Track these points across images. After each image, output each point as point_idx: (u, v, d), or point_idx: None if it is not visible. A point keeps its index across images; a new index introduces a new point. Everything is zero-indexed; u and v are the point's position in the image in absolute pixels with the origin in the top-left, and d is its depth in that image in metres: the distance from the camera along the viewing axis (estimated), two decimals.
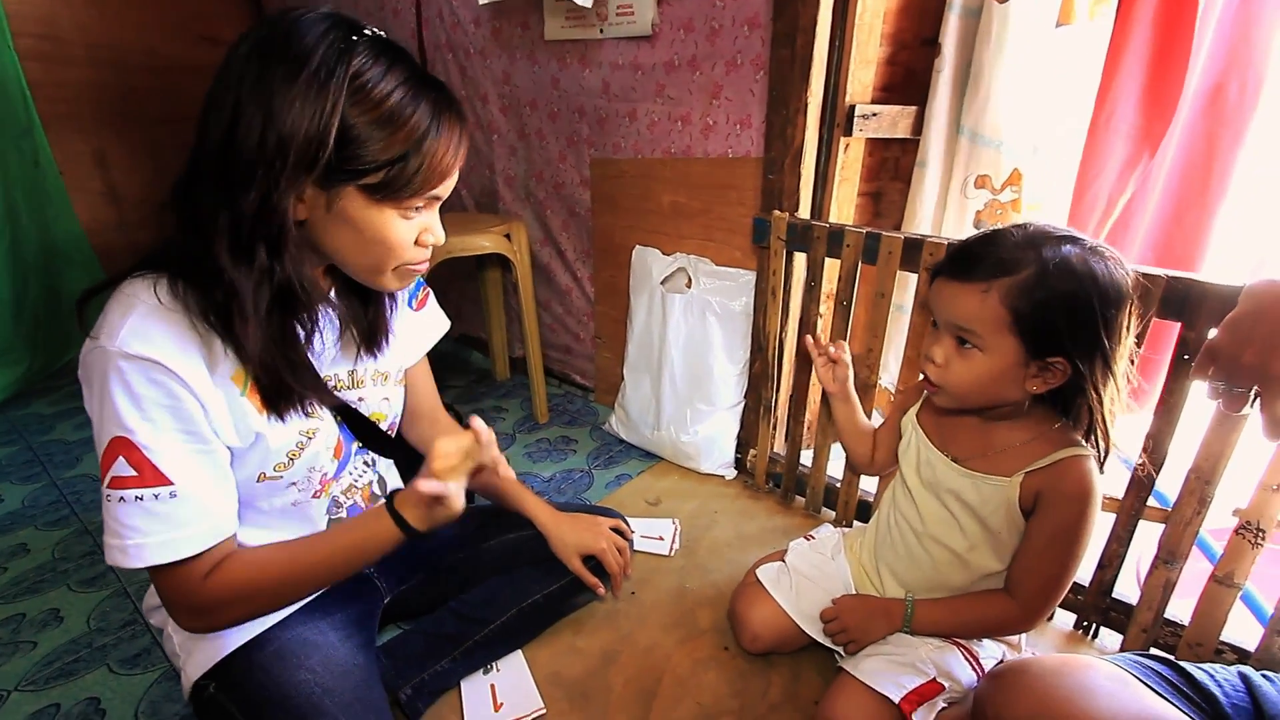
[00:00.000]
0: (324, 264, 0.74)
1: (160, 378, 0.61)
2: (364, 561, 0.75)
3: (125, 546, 0.63)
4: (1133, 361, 0.77)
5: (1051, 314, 0.70)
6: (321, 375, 0.76)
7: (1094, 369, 0.73)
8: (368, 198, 0.64)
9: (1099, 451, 0.80)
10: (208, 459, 0.67)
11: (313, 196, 0.64)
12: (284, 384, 0.69)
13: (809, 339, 1.11)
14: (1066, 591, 0.82)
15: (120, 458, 0.61)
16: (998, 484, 0.81)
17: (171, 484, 0.63)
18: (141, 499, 0.62)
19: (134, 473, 0.62)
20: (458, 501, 0.71)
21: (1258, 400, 0.69)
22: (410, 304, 0.93)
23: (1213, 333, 0.71)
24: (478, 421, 0.72)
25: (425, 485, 0.68)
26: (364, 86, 0.60)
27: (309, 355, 0.74)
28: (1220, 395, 0.72)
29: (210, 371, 0.65)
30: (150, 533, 0.63)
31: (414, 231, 0.70)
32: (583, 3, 1.35)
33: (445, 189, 0.70)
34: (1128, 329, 0.73)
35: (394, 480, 0.97)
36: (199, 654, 0.77)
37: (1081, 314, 0.71)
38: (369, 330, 0.81)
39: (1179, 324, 0.88)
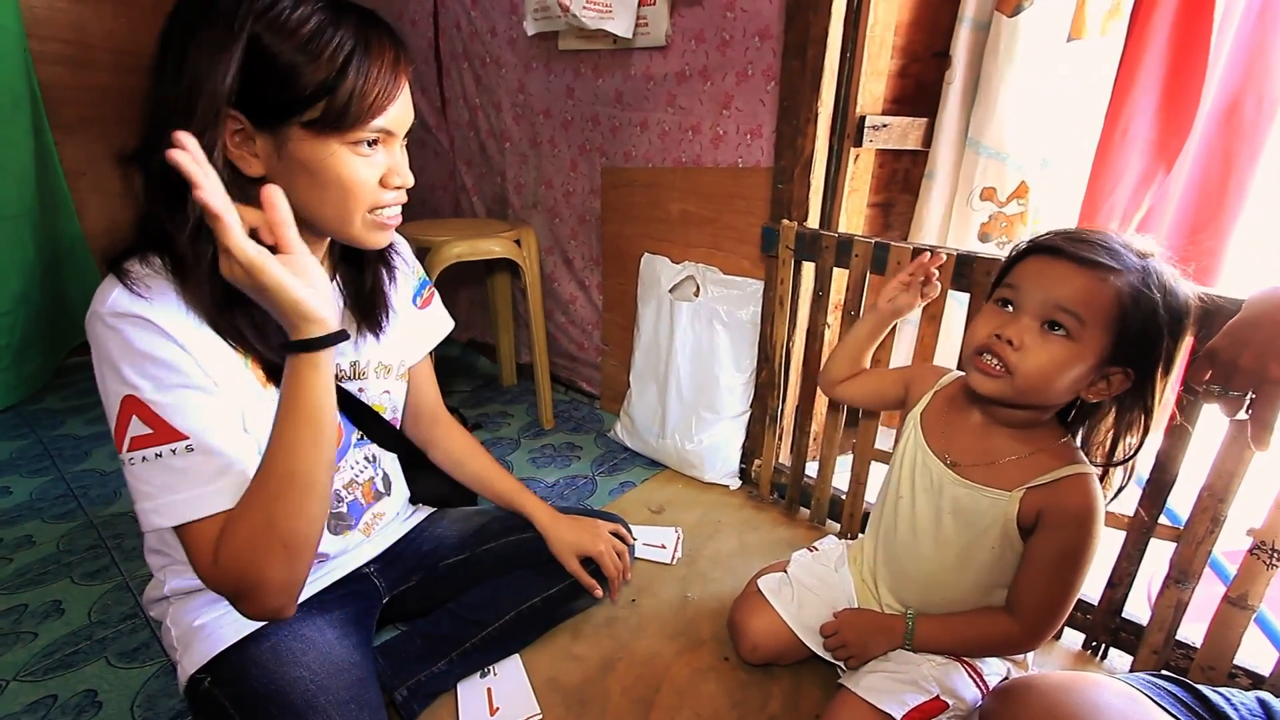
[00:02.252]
0: (304, 234, 0.70)
1: (152, 334, 0.61)
2: (309, 419, 0.63)
3: (158, 506, 0.62)
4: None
5: (1151, 323, 0.69)
6: None
7: (1155, 387, 0.72)
8: (314, 135, 0.63)
9: (1124, 474, 0.79)
10: (219, 409, 0.65)
11: (263, 147, 0.64)
12: (261, 354, 0.68)
13: (927, 254, 0.98)
14: (1069, 612, 0.80)
15: (134, 417, 0.61)
16: (996, 497, 0.79)
17: (186, 438, 0.62)
18: (160, 455, 0.62)
19: (149, 430, 0.61)
20: (245, 250, 0.57)
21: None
22: (415, 302, 0.94)
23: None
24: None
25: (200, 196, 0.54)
26: (278, 17, 0.60)
27: None
28: (1216, 399, 0.73)
29: (206, 337, 0.65)
30: (177, 488, 0.62)
31: (374, 171, 0.68)
32: (589, 24, 1.36)
33: (394, 121, 0.67)
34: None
35: (398, 477, 0.97)
36: (196, 647, 0.76)
37: (1171, 330, 0.70)
38: (368, 303, 0.81)
39: (1192, 338, 0.87)
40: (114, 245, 0.66)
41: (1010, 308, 0.75)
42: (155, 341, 0.62)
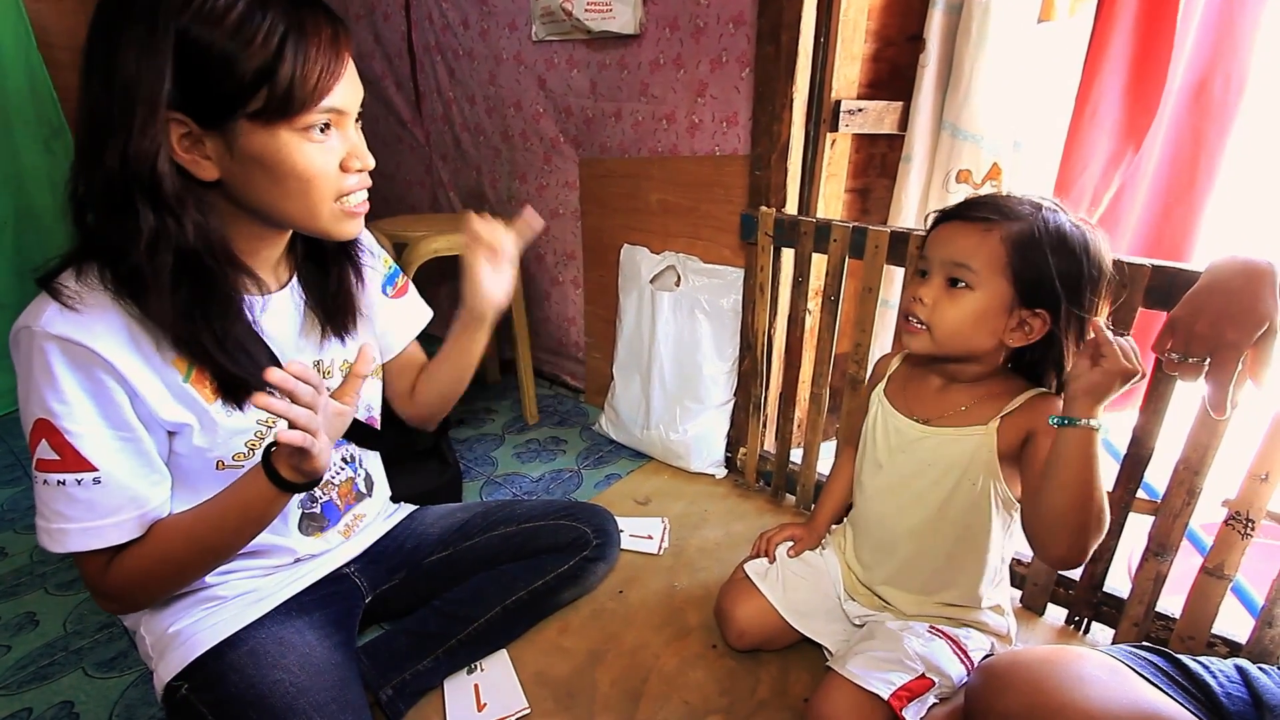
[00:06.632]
0: (266, 231, 0.71)
1: (84, 361, 0.60)
2: (256, 522, 0.70)
3: (50, 529, 0.63)
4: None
5: (1044, 264, 0.73)
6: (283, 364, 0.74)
7: (1069, 328, 0.76)
8: (262, 126, 0.61)
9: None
10: (132, 448, 0.65)
11: (214, 148, 0.62)
12: (220, 367, 0.66)
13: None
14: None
15: (43, 440, 0.61)
16: (972, 432, 0.82)
17: (95, 469, 0.62)
18: (64, 483, 0.62)
19: (56, 456, 0.61)
20: (321, 456, 0.63)
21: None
22: (386, 291, 0.92)
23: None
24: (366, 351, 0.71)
25: (285, 436, 0.60)
26: (201, 7, 0.57)
27: (257, 336, 0.71)
28: (1176, 367, 0.76)
29: (145, 357, 0.64)
30: (72, 518, 0.63)
31: (331, 157, 0.66)
32: (593, 27, 1.34)
33: (343, 100, 0.65)
34: (1105, 301, 0.78)
35: (380, 477, 0.96)
36: (171, 655, 0.75)
37: (1070, 270, 0.73)
38: (333, 305, 0.79)
39: (1165, 313, 0.87)
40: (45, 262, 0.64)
41: (925, 275, 0.80)
42: (88, 370, 0.61)
